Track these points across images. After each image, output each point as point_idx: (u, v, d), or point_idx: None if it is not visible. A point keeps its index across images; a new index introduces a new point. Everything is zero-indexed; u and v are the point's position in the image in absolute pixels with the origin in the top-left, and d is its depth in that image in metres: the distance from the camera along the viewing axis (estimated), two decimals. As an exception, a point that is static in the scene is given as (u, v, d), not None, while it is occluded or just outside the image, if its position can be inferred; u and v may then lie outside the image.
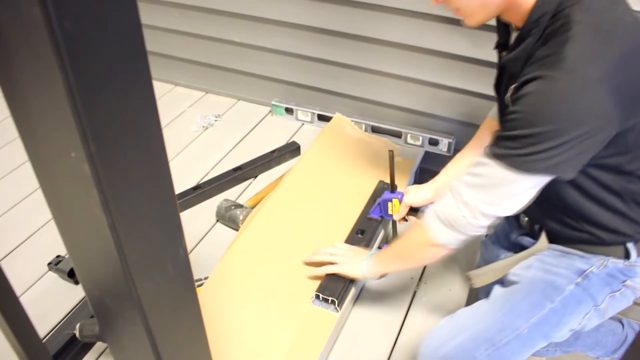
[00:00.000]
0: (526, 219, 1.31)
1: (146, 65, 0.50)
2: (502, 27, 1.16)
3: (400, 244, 1.25)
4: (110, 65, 0.47)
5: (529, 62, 0.98)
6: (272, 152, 1.99)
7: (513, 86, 1.03)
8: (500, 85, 1.18)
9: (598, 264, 1.14)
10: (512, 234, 1.41)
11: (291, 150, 1.98)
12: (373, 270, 1.32)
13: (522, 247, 1.31)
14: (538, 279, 1.16)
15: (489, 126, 1.43)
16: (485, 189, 1.02)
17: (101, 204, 0.52)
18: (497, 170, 0.98)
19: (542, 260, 1.20)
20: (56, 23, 0.41)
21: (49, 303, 1.50)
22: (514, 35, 1.10)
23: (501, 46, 1.17)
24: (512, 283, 1.20)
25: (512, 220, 1.42)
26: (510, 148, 0.95)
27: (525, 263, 1.22)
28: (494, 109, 1.46)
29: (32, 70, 0.47)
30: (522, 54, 1.02)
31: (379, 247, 1.56)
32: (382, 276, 1.37)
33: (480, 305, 1.21)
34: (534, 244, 1.24)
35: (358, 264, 1.34)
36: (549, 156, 0.93)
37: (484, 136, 1.42)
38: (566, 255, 1.18)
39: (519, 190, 1.00)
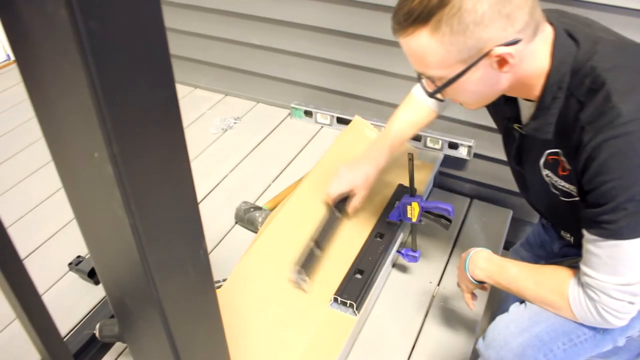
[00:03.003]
0: (568, 235, 1.29)
1: (169, 65, 0.51)
2: (504, 102, 1.12)
3: (525, 293, 1.12)
4: (134, 66, 0.47)
5: (575, 127, 0.94)
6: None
7: (549, 151, 1.03)
8: (521, 156, 1.16)
9: None
10: (553, 245, 1.38)
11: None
12: (478, 279, 1.20)
13: (566, 256, 1.29)
14: None
15: (423, 111, 1.49)
16: (626, 269, 0.95)
17: (123, 204, 0.52)
18: (626, 246, 0.93)
19: None
20: (82, 23, 0.41)
21: (69, 303, 1.51)
22: (526, 105, 1.08)
23: (512, 120, 1.13)
24: None
25: (552, 232, 1.40)
26: (623, 218, 0.90)
27: None
28: (419, 87, 1.47)
29: (57, 70, 0.47)
30: (551, 119, 0.99)
31: (398, 251, 1.55)
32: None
33: None
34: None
35: (463, 273, 1.22)
36: None
37: (419, 119, 1.51)
38: None
39: None
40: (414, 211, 1.45)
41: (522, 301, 1.15)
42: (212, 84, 2.49)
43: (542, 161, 1.08)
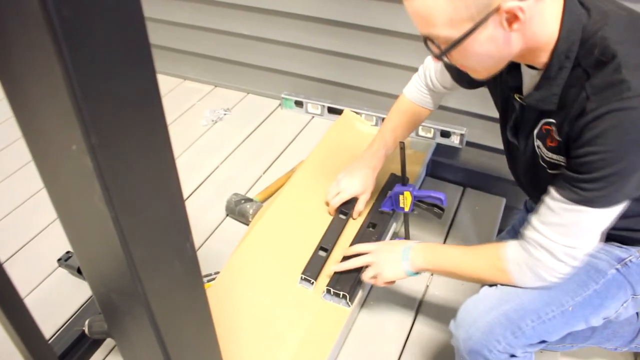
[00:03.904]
0: None
1: (148, 53, 0.49)
2: (507, 71, 1.10)
3: (463, 267, 1.16)
4: (111, 54, 0.46)
5: (579, 97, 0.93)
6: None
7: (546, 121, 1.02)
8: (518, 127, 1.14)
9: (637, 254, 1.13)
10: None
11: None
12: (415, 270, 1.23)
13: None
14: None
15: (412, 110, 1.51)
16: (581, 235, 0.99)
17: (104, 197, 0.50)
18: (591, 214, 0.95)
19: None
20: (53, 10, 0.39)
21: (59, 299, 1.50)
22: (529, 74, 1.06)
23: (514, 89, 1.11)
24: None
25: None
26: (600, 189, 0.92)
27: None
28: (413, 91, 1.50)
29: (31, 60, 0.45)
30: (556, 90, 0.98)
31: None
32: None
33: None
34: None
35: (398, 265, 1.24)
36: (639, 178, 0.91)
37: (409, 119, 1.52)
38: (604, 242, 1.16)
39: (612, 220, 0.98)
40: (406, 200, 1.44)
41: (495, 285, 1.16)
42: (201, 75, 2.47)
43: (536, 131, 1.07)
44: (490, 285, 1.15)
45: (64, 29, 0.41)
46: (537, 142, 1.08)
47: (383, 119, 2.00)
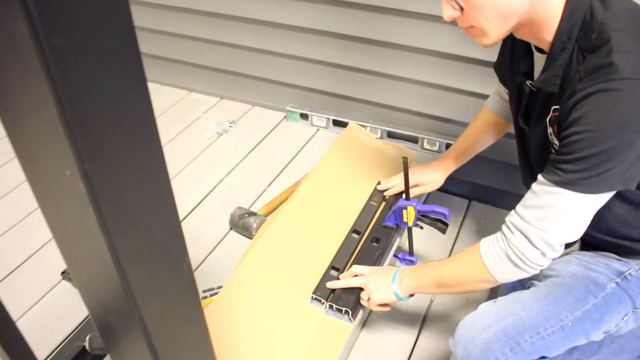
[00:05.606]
0: None
1: (143, 79, 0.49)
2: (521, 57, 1.13)
3: (445, 272, 1.18)
4: (104, 81, 0.45)
5: (574, 79, 0.95)
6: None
7: (554, 107, 1.02)
8: (529, 113, 1.16)
9: (637, 267, 1.13)
10: None
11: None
12: (406, 292, 1.25)
13: None
14: (580, 274, 1.13)
15: (486, 118, 1.51)
16: (557, 220, 0.99)
17: (98, 223, 0.50)
18: (570, 198, 0.95)
19: (579, 257, 1.18)
20: (44, 39, 0.39)
21: (62, 312, 1.50)
22: (539, 59, 1.08)
23: (525, 75, 1.14)
24: (550, 276, 1.17)
25: None
26: (581, 171, 0.92)
27: (562, 259, 1.19)
28: (489, 100, 1.50)
29: (23, 87, 0.45)
30: (558, 71, 1.00)
31: (395, 256, 1.53)
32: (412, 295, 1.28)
33: (522, 293, 1.17)
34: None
35: (387, 288, 1.27)
36: (623, 169, 0.91)
37: (482, 126, 1.51)
38: (603, 255, 1.17)
39: (592, 211, 0.98)
40: (409, 215, 1.43)
41: (494, 301, 1.16)
42: (207, 87, 2.47)
43: (548, 117, 1.08)
44: (488, 300, 1.15)
45: (55, 57, 0.40)
46: (550, 129, 1.09)
47: (388, 132, 2.01)
